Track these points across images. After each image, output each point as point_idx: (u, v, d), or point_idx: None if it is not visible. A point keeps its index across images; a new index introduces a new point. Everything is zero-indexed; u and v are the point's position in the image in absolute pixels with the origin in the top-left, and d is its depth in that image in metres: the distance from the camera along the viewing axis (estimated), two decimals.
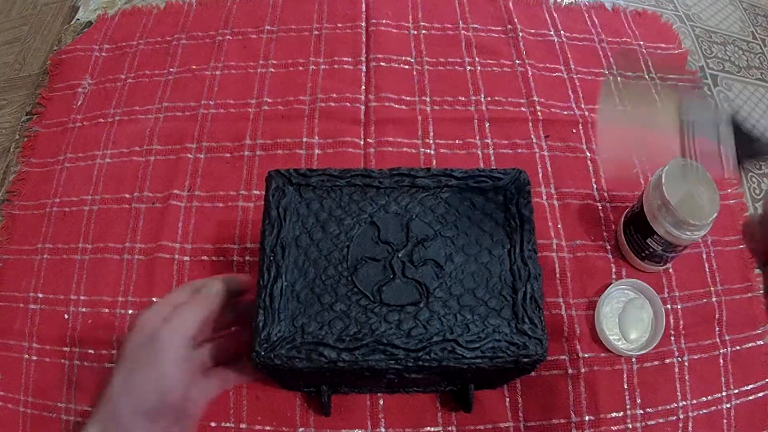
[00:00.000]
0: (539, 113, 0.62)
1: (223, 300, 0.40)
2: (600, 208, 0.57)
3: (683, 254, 0.53)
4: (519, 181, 0.42)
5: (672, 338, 0.52)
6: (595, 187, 0.58)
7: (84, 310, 0.53)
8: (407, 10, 0.70)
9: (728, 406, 0.50)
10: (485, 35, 0.68)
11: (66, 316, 0.53)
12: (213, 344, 0.41)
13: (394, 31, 0.68)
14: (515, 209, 0.41)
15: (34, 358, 0.52)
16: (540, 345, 0.37)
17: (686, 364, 0.51)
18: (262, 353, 0.36)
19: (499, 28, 0.68)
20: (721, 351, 0.51)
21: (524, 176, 0.42)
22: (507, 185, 0.42)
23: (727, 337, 0.52)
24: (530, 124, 0.61)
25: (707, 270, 0.55)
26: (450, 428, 0.48)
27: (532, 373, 0.49)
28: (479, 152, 0.59)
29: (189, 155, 0.59)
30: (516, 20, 0.69)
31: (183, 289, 0.41)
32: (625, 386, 0.50)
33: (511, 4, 0.70)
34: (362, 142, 0.60)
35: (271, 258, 0.39)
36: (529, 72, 0.65)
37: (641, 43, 0.69)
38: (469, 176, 0.43)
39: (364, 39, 0.67)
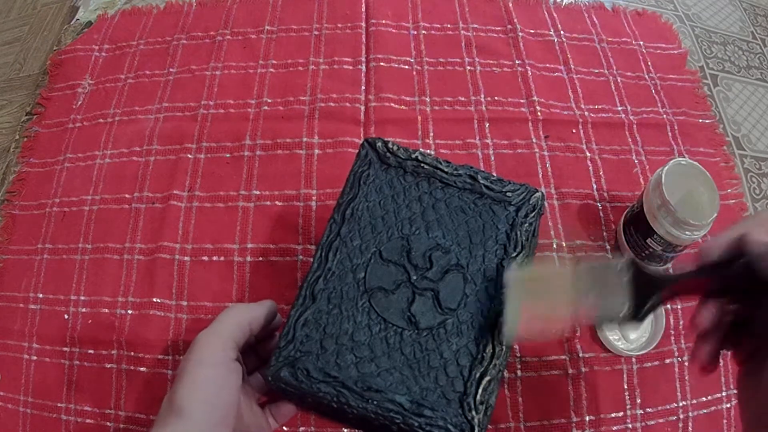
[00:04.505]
0: (539, 113, 0.62)
1: (266, 313, 0.41)
2: (600, 208, 0.57)
3: (683, 254, 0.53)
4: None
5: (672, 338, 0.52)
6: (595, 187, 0.58)
7: (84, 310, 0.53)
8: (407, 10, 0.70)
9: (728, 406, 0.50)
10: (485, 35, 0.68)
11: (66, 316, 0.53)
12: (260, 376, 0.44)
13: (394, 31, 0.68)
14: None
15: (34, 358, 0.52)
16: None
17: (686, 364, 0.51)
18: (270, 378, 0.38)
19: (499, 28, 0.68)
20: (721, 351, 0.51)
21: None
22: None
23: None
24: (530, 124, 0.61)
25: None
26: None
27: (533, 373, 0.49)
28: (479, 152, 0.59)
29: (189, 155, 0.59)
30: (516, 20, 0.69)
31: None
32: (625, 386, 0.50)
33: (511, 4, 0.70)
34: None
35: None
36: (529, 72, 0.65)
37: (641, 43, 0.69)
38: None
39: (364, 39, 0.67)
